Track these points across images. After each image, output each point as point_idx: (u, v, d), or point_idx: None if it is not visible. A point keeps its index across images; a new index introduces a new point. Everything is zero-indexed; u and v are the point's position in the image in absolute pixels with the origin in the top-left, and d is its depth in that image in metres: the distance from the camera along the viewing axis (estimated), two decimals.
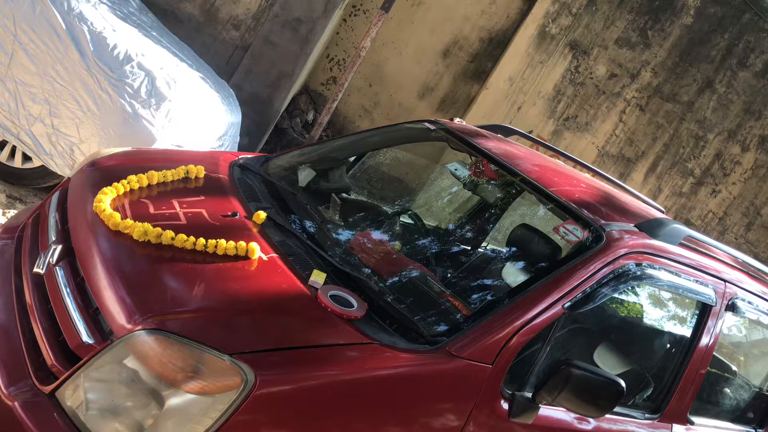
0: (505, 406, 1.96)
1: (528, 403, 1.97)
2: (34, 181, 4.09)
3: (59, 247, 1.91)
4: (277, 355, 1.63)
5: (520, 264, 2.68)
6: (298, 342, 1.70)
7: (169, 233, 1.88)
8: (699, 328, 2.57)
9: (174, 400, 1.52)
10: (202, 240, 1.89)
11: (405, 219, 3.05)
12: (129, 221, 1.91)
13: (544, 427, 2.09)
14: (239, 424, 1.56)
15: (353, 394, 1.72)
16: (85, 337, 1.64)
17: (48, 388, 1.62)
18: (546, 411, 2.05)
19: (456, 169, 2.92)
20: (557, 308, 2.04)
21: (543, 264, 2.50)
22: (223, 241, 1.92)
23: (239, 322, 1.70)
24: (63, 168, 3.90)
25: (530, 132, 3.32)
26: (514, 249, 2.84)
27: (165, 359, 1.55)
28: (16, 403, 1.59)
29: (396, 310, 1.98)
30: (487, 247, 3.18)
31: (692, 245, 2.50)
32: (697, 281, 2.47)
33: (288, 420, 1.64)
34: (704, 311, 2.57)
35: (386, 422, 1.80)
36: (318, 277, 1.95)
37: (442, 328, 2.00)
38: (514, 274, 2.59)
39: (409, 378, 1.81)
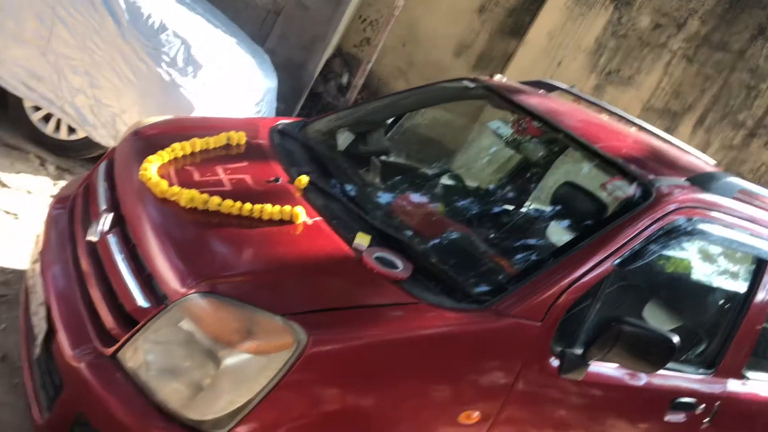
0: (555, 363, 1.96)
1: (578, 360, 1.96)
2: (79, 152, 4.17)
3: (110, 216, 1.95)
4: (327, 316, 1.65)
5: (566, 222, 2.65)
6: (346, 303, 1.72)
7: (216, 199, 1.90)
8: (755, 283, 2.51)
9: (230, 361, 1.56)
10: (248, 205, 1.91)
11: (446, 180, 3.02)
12: (176, 188, 1.93)
13: (595, 384, 2.09)
14: (293, 383, 1.60)
15: (401, 354, 1.74)
16: (141, 302, 1.68)
17: (109, 351, 1.67)
18: (596, 367, 2.04)
19: (498, 128, 2.87)
20: (606, 266, 2.02)
21: (589, 222, 2.46)
22: (268, 206, 1.93)
23: (288, 285, 1.72)
24: (106, 138, 3.96)
25: (572, 87, 3.23)
26: (559, 207, 2.80)
27: (218, 321, 1.59)
28: (82, 365, 1.66)
29: (441, 270, 1.98)
30: (531, 207, 3.14)
31: (747, 198, 2.42)
32: (752, 235, 2.41)
33: (339, 378, 1.67)
34: (760, 266, 2.51)
35: (434, 380, 1.81)
36: (362, 240, 1.95)
37: (489, 287, 1.99)
38: (559, 233, 2.56)
39: (457, 337, 1.82)
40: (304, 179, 2.17)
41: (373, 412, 1.72)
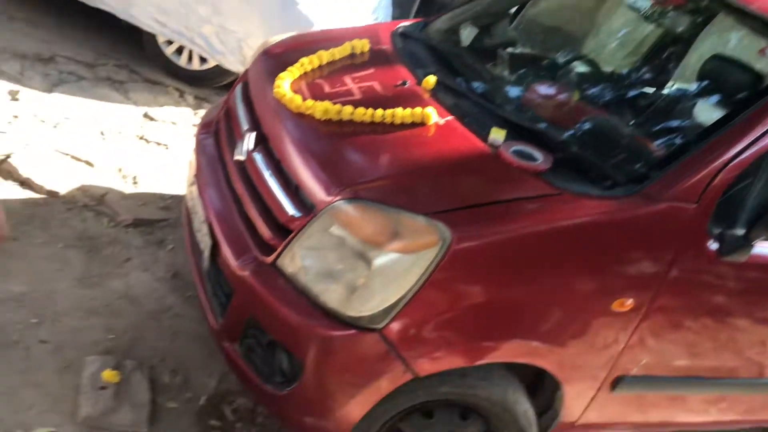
0: (713, 246, 1.86)
1: (741, 241, 1.85)
2: (213, 81, 4.37)
3: (252, 135, 2.05)
4: (470, 213, 1.67)
5: (716, 99, 2.44)
6: (487, 199, 1.72)
7: (348, 108, 1.94)
8: None
9: (380, 261, 1.64)
10: (379, 111, 1.93)
11: (580, 65, 2.86)
12: (309, 102, 1.98)
13: (758, 266, 1.97)
14: (440, 280, 1.65)
15: (548, 246, 1.73)
16: (292, 212, 1.78)
17: (269, 259, 1.80)
18: (761, 249, 1.91)
19: (634, 2, 2.65)
20: (766, 140, 1.85)
21: (744, 95, 2.25)
22: (399, 110, 1.94)
23: (427, 185, 1.75)
24: (235, 64, 4.11)
25: None
26: (706, 84, 2.58)
27: (366, 225, 1.66)
28: (247, 273, 1.81)
29: (584, 158, 1.91)
30: (675, 86, 2.91)
31: None
32: None
33: (485, 273, 1.70)
34: None
35: (584, 271, 1.79)
36: (497, 135, 1.92)
37: (636, 172, 1.89)
38: (709, 111, 2.37)
39: (605, 225, 1.77)
40: (431, 80, 2.14)
41: (522, 304, 1.75)
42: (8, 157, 2.96)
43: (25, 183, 2.90)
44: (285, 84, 2.08)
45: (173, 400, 2.23)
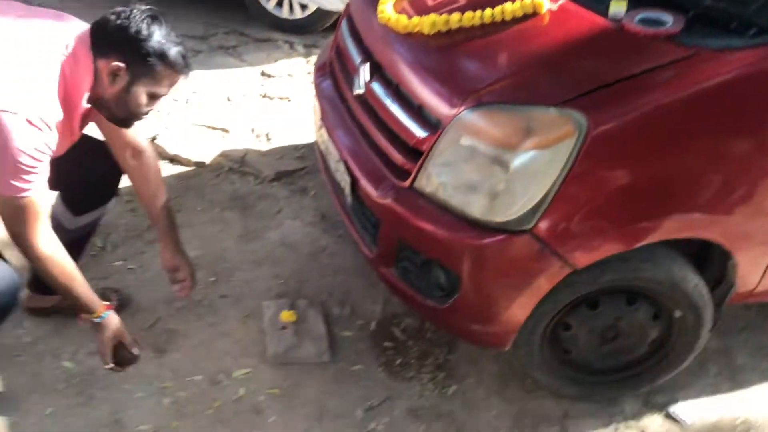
0: None
1: None
2: (317, 25, 4.42)
3: (366, 66, 2.07)
4: (602, 94, 1.59)
5: None
6: (617, 76, 1.62)
7: (456, 16, 1.89)
8: None
9: (517, 162, 1.62)
10: (488, 11, 1.87)
11: None
12: (415, 19, 1.96)
13: None
14: (583, 169, 1.61)
15: (694, 111, 1.62)
16: (420, 133, 1.80)
17: (406, 183, 1.84)
18: None
19: None
20: None
21: None
22: (508, 5, 1.87)
23: (552, 75, 1.70)
24: (335, 3, 4.12)
25: None
26: None
27: (496, 129, 1.64)
28: (388, 201, 1.86)
29: (720, 9, 1.73)
30: None
31: None
32: None
33: (628, 154, 1.63)
34: None
35: (738, 131, 1.67)
36: (618, 7, 1.80)
37: None
38: None
39: (755, 77, 1.62)
40: None
41: (674, 177, 1.66)
42: (154, 139, 3.22)
43: (174, 159, 3.15)
44: (388, 7, 2.06)
45: (347, 329, 2.39)
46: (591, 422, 2.17)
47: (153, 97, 1.72)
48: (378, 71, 2.04)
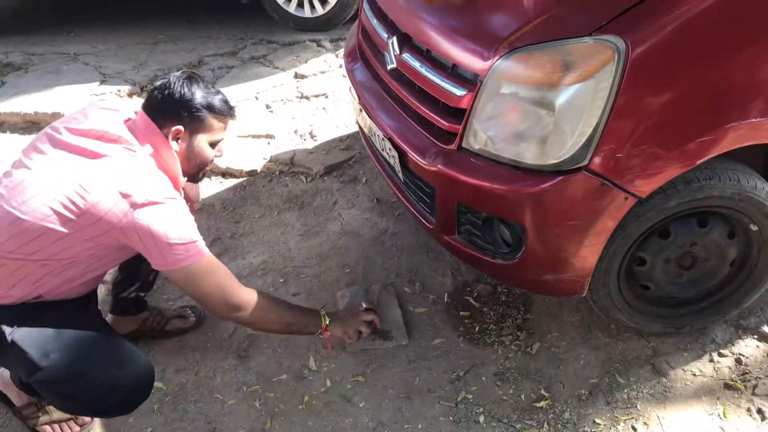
0: None
1: None
2: (339, 18, 4.46)
3: (394, 39, 2.07)
4: (634, 13, 1.53)
5: None
6: None
7: None
8: None
9: (562, 99, 1.58)
10: None
11: None
12: None
13: None
14: (629, 93, 1.55)
15: (739, 11, 1.54)
16: (458, 92, 1.78)
17: (454, 145, 1.83)
18: None
19: None
20: None
21: None
22: None
23: (580, 5, 1.66)
24: None
25: None
26: None
27: (533, 70, 1.61)
28: (439, 166, 1.86)
29: None
30: None
31: None
32: None
33: (673, 69, 1.56)
34: None
35: None
36: None
37: None
38: None
39: None
40: None
41: (726, 84, 1.58)
42: None
43: (226, 173, 3.23)
44: None
45: (420, 305, 2.40)
46: (683, 356, 2.12)
47: (213, 145, 1.90)
48: (407, 42, 2.03)
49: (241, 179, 3.18)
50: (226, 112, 1.88)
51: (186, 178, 1.93)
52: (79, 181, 1.64)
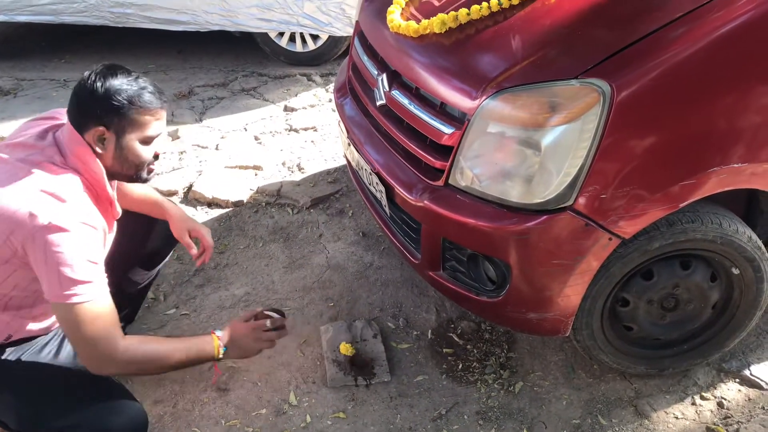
0: None
1: None
2: (330, 53, 4.52)
3: (384, 76, 2.09)
4: (620, 58, 1.57)
5: None
6: (633, 38, 1.59)
7: (463, 11, 1.90)
8: None
9: (548, 139, 1.61)
10: (494, 0, 1.87)
11: None
12: (424, 22, 1.98)
13: None
14: (614, 135, 1.58)
15: (719, 58, 1.57)
16: (446, 130, 1.80)
17: (441, 182, 1.85)
18: None
19: None
20: None
21: None
22: None
23: (566, 48, 1.69)
24: (344, 29, 4.21)
25: None
26: None
27: (520, 111, 1.64)
28: (425, 201, 1.87)
29: None
30: None
31: None
32: None
33: (657, 113, 1.60)
34: None
35: (764, 75, 1.62)
36: None
37: None
38: None
39: None
40: None
41: (708, 130, 1.62)
42: (191, 186, 3.30)
43: (212, 203, 3.21)
44: (396, 16, 2.10)
45: (404, 341, 2.39)
46: (665, 398, 2.12)
47: (146, 142, 1.68)
48: (396, 79, 2.06)
49: (227, 209, 3.17)
50: (152, 103, 1.63)
51: (129, 182, 1.78)
52: None
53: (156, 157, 1.74)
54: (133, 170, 1.71)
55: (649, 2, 1.67)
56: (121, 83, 1.60)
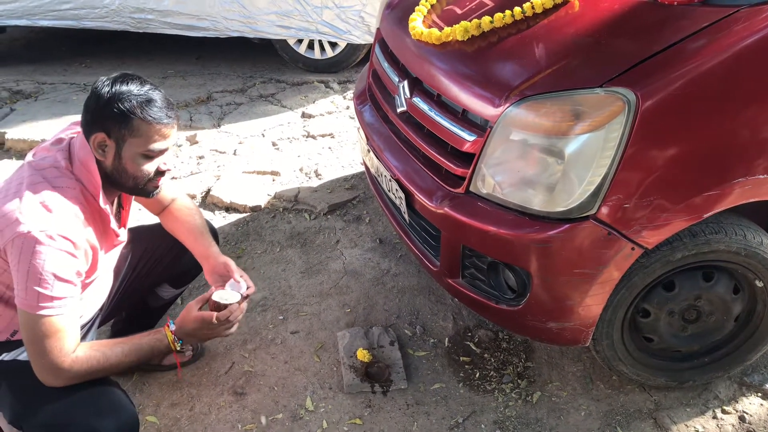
0: None
1: None
2: (348, 61, 4.53)
3: (405, 83, 2.10)
4: (645, 67, 1.56)
5: None
6: (658, 47, 1.59)
7: (486, 19, 1.91)
8: None
9: (571, 148, 1.60)
10: (517, 9, 1.88)
11: None
12: (447, 29, 1.99)
13: None
14: (638, 145, 1.57)
15: (746, 68, 1.56)
16: (468, 137, 1.80)
17: (461, 189, 1.85)
18: None
19: None
20: None
21: None
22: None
23: (592, 57, 1.69)
24: (363, 37, 4.22)
25: None
26: None
27: (544, 119, 1.63)
28: (446, 209, 1.86)
29: None
30: None
31: None
32: None
33: (682, 123, 1.59)
34: None
35: None
36: None
37: None
38: None
39: None
40: None
41: (734, 140, 1.61)
42: (209, 191, 3.31)
43: (230, 208, 3.23)
44: (418, 23, 2.10)
45: (420, 349, 2.38)
46: (685, 411, 2.09)
47: (148, 156, 1.60)
48: (417, 86, 2.06)
49: (244, 214, 3.18)
50: (156, 117, 1.55)
51: (132, 195, 1.71)
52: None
53: (161, 173, 1.66)
54: (131, 182, 1.64)
55: (674, 12, 1.66)
56: (129, 90, 1.55)
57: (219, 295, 1.79)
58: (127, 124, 1.54)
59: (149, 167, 1.61)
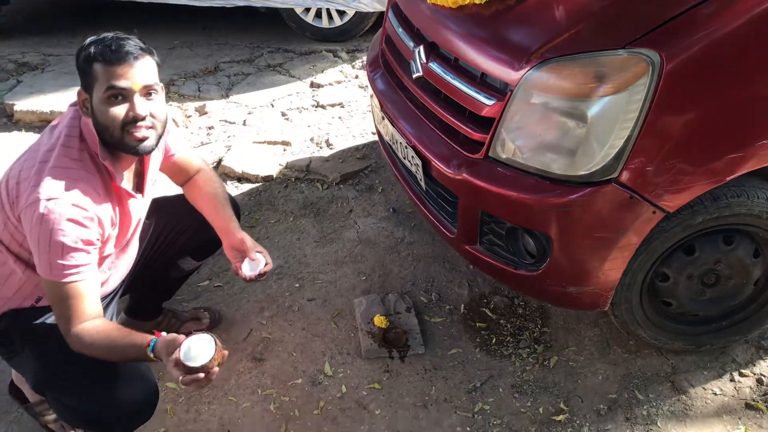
0: None
1: None
2: (356, 29, 4.48)
3: (421, 47, 2.07)
4: (670, 27, 1.54)
5: None
6: (687, 5, 1.55)
7: None
8: None
9: (594, 110, 1.58)
10: None
11: None
12: None
13: None
14: (662, 107, 1.56)
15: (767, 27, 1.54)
16: (487, 101, 1.78)
17: (480, 154, 1.83)
18: None
19: None
20: None
21: None
22: None
23: (614, 18, 1.65)
24: (371, 4, 4.16)
25: None
26: None
27: (566, 81, 1.61)
28: (464, 175, 1.85)
29: None
30: None
31: None
32: None
33: (707, 85, 1.57)
34: None
35: None
36: None
37: None
38: None
39: None
40: None
41: (758, 100, 1.59)
42: (221, 161, 3.31)
43: (242, 178, 3.22)
44: None
45: (436, 315, 2.39)
46: (703, 375, 2.11)
47: (111, 99, 1.54)
48: (434, 51, 2.04)
49: (256, 184, 3.18)
50: (112, 57, 1.50)
51: (123, 152, 1.62)
52: (18, 169, 1.58)
53: (133, 121, 1.56)
54: (107, 134, 1.57)
55: None
56: (92, 41, 1.54)
57: (186, 349, 1.47)
58: (90, 71, 1.53)
59: (116, 111, 1.54)
